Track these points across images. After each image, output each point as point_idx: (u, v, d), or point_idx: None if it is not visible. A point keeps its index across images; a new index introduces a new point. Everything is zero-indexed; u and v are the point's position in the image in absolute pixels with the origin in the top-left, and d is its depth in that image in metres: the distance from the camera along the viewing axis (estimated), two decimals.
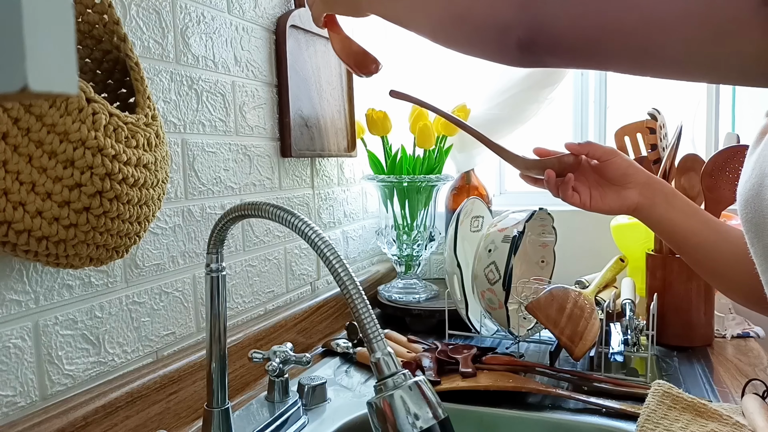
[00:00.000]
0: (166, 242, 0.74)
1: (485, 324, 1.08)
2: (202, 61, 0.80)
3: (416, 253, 1.22)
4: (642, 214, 0.74)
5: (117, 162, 0.51)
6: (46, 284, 0.59)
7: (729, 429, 0.66)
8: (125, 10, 0.67)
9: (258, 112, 0.93)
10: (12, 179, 0.47)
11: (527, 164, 0.78)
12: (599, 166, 0.75)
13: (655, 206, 0.73)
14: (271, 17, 0.96)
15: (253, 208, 0.55)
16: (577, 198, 0.75)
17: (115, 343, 0.67)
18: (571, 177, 0.75)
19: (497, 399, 0.81)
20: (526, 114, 1.29)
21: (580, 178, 0.76)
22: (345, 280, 0.48)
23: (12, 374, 0.55)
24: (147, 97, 0.58)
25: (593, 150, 0.76)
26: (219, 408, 0.63)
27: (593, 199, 0.75)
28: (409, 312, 1.15)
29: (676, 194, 0.74)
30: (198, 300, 0.79)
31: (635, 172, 0.74)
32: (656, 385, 0.73)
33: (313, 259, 1.09)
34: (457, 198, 1.35)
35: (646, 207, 0.74)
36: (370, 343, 0.48)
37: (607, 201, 0.75)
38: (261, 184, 0.93)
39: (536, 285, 0.99)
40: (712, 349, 1.01)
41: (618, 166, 0.74)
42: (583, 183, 0.76)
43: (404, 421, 0.46)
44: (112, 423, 0.62)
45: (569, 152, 0.76)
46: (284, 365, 0.75)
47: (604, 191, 0.75)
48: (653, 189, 0.74)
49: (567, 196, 0.75)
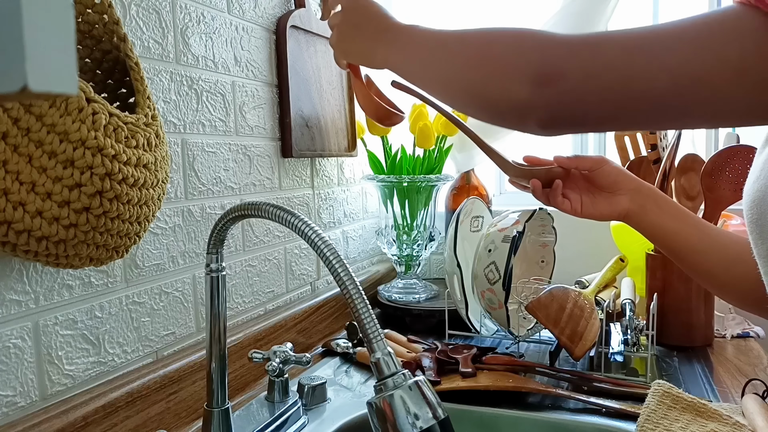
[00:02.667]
0: (166, 242, 0.74)
1: (485, 324, 1.08)
2: (202, 61, 0.80)
3: (416, 253, 1.22)
4: (633, 220, 0.75)
5: (117, 162, 0.51)
6: (46, 284, 0.59)
7: (729, 429, 0.66)
8: (125, 10, 0.67)
9: (258, 112, 0.93)
10: (12, 179, 0.47)
11: (516, 172, 0.78)
12: (589, 174, 0.76)
13: (646, 212, 0.73)
14: (271, 17, 0.96)
15: (253, 208, 0.55)
16: (568, 204, 0.75)
17: (115, 343, 0.67)
18: (559, 184, 0.75)
19: (497, 399, 0.81)
20: None
21: (570, 185, 0.76)
22: (345, 280, 0.48)
23: (12, 374, 0.55)
24: (147, 97, 0.58)
25: (582, 163, 0.76)
26: (219, 408, 0.63)
27: (584, 205, 0.75)
28: (409, 312, 1.15)
29: (666, 200, 0.75)
30: (198, 300, 0.79)
31: (625, 179, 0.75)
32: (656, 385, 0.73)
33: (313, 259, 1.09)
34: (457, 198, 1.35)
35: (636, 213, 0.74)
36: (370, 343, 0.48)
37: (598, 207, 0.75)
38: (261, 184, 0.93)
39: (536, 285, 0.99)
40: (712, 349, 1.01)
41: (608, 174, 0.75)
42: (574, 190, 0.76)
43: (404, 421, 0.46)
44: (112, 423, 0.62)
45: (558, 165, 0.77)
46: (284, 365, 0.75)
47: (595, 198, 0.75)
48: (644, 195, 0.74)
49: (557, 203, 0.76)
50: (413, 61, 0.63)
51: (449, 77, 0.57)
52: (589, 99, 0.47)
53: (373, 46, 0.68)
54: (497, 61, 0.51)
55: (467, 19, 1.46)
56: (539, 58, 0.48)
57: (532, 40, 0.50)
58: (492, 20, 1.43)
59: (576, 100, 0.47)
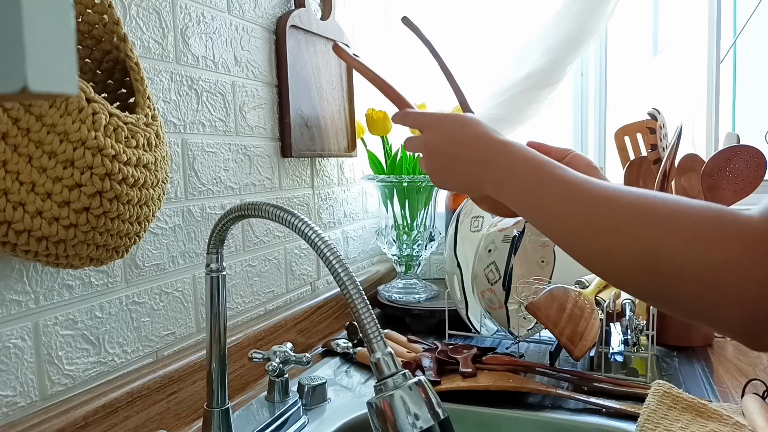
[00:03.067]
0: (166, 242, 0.74)
1: (485, 324, 1.08)
2: (202, 61, 0.80)
3: (416, 253, 1.22)
4: None
5: (117, 162, 0.51)
6: (46, 284, 0.59)
7: (729, 429, 0.66)
8: (125, 10, 0.67)
9: (258, 112, 0.93)
10: (12, 179, 0.47)
11: None
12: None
13: None
14: (271, 17, 0.96)
15: (253, 208, 0.55)
16: None
17: (115, 343, 0.67)
18: None
19: (497, 399, 0.81)
20: (526, 114, 1.29)
21: None
22: (345, 280, 0.48)
23: (12, 374, 0.55)
24: (147, 97, 0.58)
25: (548, 153, 0.75)
26: (219, 408, 0.63)
27: None
28: (409, 312, 1.15)
29: None
30: (198, 300, 0.79)
31: (594, 172, 0.73)
32: (656, 385, 0.73)
33: (313, 259, 1.09)
34: (457, 198, 1.35)
35: None
36: (370, 343, 0.48)
37: None
38: (261, 184, 0.93)
39: (536, 285, 0.99)
40: (712, 349, 1.01)
41: (577, 164, 0.73)
42: None
43: (404, 421, 0.46)
44: (112, 423, 0.62)
45: None
46: (284, 365, 0.75)
47: None
48: None
49: None
50: (547, 211, 0.51)
51: (616, 238, 0.46)
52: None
53: (479, 181, 0.57)
54: (694, 272, 0.41)
55: (467, 19, 1.46)
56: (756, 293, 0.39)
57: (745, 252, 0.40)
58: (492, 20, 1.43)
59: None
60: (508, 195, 0.55)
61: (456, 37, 1.46)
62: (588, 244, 0.47)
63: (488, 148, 0.57)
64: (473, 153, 0.58)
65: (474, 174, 0.58)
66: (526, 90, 1.27)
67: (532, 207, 0.52)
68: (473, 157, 0.57)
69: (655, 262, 0.42)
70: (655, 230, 0.43)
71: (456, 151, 0.59)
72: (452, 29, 1.46)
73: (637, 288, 0.46)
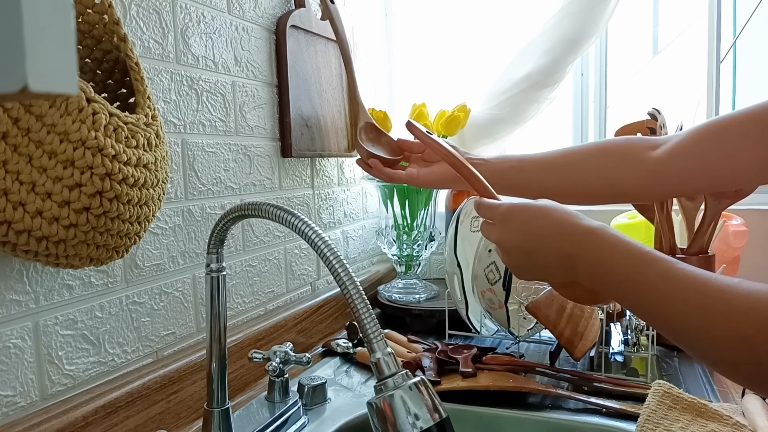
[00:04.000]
0: (166, 242, 0.74)
1: (485, 324, 1.08)
2: (202, 61, 0.80)
3: (416, 253, 1.22)
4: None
5: (117, 162, 0.51)
6: (46, 284, 0.59)
7: (729, 429, 0.66)
8: (125, 10, 0.67)
9: (258, 112, 0.93)
10: (12, 179, 0.47)
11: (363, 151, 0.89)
12: (422, 155, 0.86)
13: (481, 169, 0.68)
14: (271, 17, 0.96)
15: (253, 208, 0.55)
16: (404, 174, 0.85)
17: (115, 343, 0.67)
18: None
19: (497, 399, 0.81)
20: (526, 114, 1.29)
21: (412, 163, 0.87)
22: (345, 280, 0.48)
23: (12, 374, 0.55)
24: (147, 97, 0.58)
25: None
26: (219, 408, 0.63)
27: (419, 174, 0.84)
28: (409, 312, 1.15)
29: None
30: (198, 300, 0.79)
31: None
32: (656, 385, 0.73)
33: (313, 259, 1.09)
34: (457, 198, 1.35)
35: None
36: (370, 343, 0.48)
37: (426, 175, 0.84)
38: (261, 184, 0.93)
39: (536, 285, 0.99)
40: None
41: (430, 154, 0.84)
42: (413, 165, 0.86)
43: (404, 421, 0.46)
44: (112, 423, 0.62)
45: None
46: (284, 365, 0.75)
47: (426, 168, 0.85)
48: None
49: (394, 175, 0.86)
50: (654, 309, 0.48)
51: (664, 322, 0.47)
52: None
53: (573, 273, 0.53)
54: None
55: (467, 19, 1.46)
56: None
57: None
58: (492, 20, 1.43)
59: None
60: (606, 288, 0.51)
61: (456, 37, 1.46)
62: (711, 353, 0.44)
63: (569, 237, 0.53)
64: (554, 246, 0.53)
65: (564, 267, 0.53)
66: (526, 90, 1.27)
67: (635, 301, 0.49)
68: (555, 250, 0.53)
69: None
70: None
71: (534, 246, 0.55)
72: (452, 29, 1.47)
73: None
